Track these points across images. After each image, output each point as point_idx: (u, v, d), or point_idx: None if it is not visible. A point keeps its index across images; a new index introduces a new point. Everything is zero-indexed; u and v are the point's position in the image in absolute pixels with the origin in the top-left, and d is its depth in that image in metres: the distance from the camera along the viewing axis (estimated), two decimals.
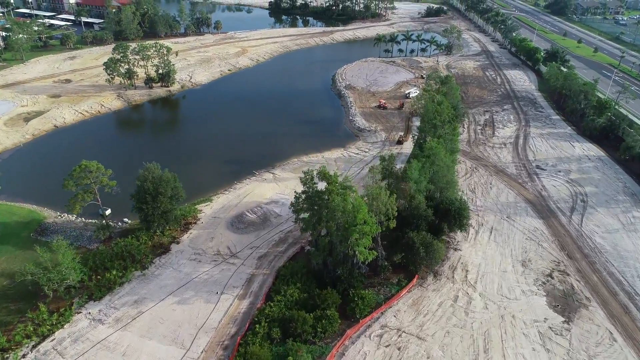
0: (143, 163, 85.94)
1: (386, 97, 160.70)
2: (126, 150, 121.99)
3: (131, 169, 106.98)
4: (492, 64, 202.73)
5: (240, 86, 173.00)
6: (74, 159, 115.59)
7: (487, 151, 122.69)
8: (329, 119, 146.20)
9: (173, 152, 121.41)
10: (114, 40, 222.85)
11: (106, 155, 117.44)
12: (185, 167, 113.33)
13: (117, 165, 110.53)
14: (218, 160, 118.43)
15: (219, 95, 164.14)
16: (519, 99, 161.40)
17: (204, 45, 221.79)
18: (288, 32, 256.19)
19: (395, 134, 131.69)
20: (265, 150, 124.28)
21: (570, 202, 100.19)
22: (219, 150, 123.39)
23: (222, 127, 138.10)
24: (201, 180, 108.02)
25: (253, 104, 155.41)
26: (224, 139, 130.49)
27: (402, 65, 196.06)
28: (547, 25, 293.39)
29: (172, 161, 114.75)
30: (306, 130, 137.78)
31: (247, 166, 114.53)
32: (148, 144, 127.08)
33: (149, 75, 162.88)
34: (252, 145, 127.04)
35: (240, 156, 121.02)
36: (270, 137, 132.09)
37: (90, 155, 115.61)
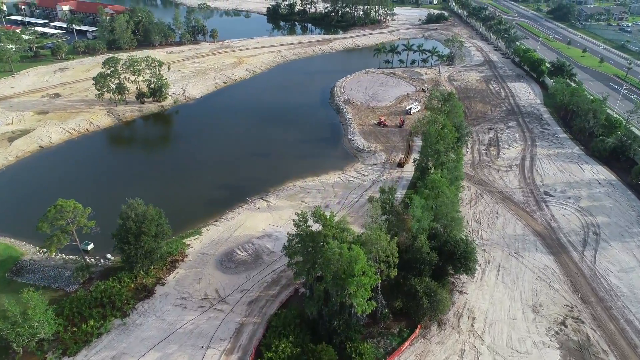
0: (126, 199, 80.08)
1: (386, 112, 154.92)
2: (112, 174, 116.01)
3: (116, 197, 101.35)
4: (495, 75, 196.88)
5: (235, 100, 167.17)
6: (56, 186, 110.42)
7: (492, 175, 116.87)
8: (327, 137, 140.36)
9: (163, 176, 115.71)
10: (107, 50, 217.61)
11: (90, 180, 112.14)
12: (175, 192, 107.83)
13: (101, 192, 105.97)
14: (210, 185, 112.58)
15: (213, 110, 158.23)
16: (524, 114, 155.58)
17: (199, 55, 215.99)
18: (286, 40, 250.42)
19: (395, 155, 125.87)
20: (260, 173, 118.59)
21: (581, 234, 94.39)
22: (211, 173, 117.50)
23: (215, 146, 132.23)
24: (191, 208, 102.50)
25: (248, 121, 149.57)
26: (216, 159, 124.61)
27: (403, 77, 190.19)
28: (551, 33, 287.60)
29: (161, 186, 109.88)
30: (303, 150, 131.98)
31: (240, 192, 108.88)
32: (136, 167, 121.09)
33: (140, 90, 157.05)
34: (246, 167, 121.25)
35: (233, 180, 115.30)
36: (265, 157, 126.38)
37: (74, 181, 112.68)
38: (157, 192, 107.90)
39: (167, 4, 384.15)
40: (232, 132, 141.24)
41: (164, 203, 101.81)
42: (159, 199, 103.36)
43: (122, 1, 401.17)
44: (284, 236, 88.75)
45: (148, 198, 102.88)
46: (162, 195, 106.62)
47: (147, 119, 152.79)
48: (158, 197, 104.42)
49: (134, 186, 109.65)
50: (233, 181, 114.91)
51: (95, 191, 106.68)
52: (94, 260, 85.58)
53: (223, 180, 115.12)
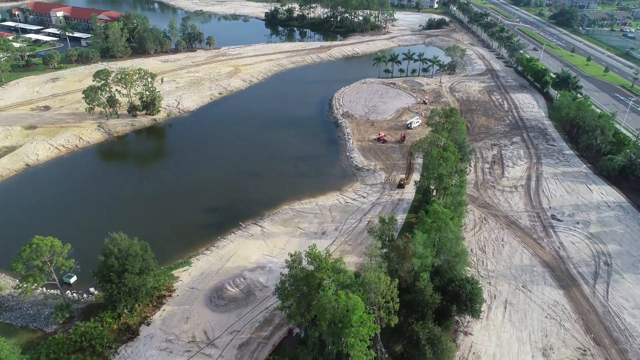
0: (109, 233, 75.13)
1: (386, 127, 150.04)
2: (99, 197, 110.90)
3: (102, 222, 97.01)
4: (498, 85, 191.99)
5: (230, 113, 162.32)
6: (39, 211, 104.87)
7: (497, 196, 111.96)
8: (325, 153, 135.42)
9: (152, 198, 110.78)
10: (101, 58, 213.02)
11: (75, 204, 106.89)
12: (165, 216, 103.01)
13: (86, 218, 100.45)
14: (202, 207, 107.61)
15: (207, 124, 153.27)
16: (529, 129, 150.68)
17: (194, 64, 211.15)
18: (283, 47, 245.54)
19: (395, 174, 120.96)
20: (255, 193, 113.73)
21: (592, 265, 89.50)
22: (203, 194, 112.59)
23: (208, 163, 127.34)
24: (181, 233, 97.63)
25: (243, 135, 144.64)
26: (209, 178, 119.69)
27: (403, 87, 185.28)
28: (553, 39, 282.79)
29: (150, 209, 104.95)
30: (300, 167, 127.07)
31: (234, 215, 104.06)
32: (124, 188, 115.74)
33: (132, 104, 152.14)
34: (240, 186, 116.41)
35: (226, 201, 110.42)
36: (260, 176, 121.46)
37: (57, 205, 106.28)
38: (145, 216, 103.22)
39: (165, 9, 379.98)
40: (226, 148, 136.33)
41: (153, 229, 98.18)
42: (147, 225, 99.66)
43: (119, 6, 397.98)
44: (278, 268, 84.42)
45: (135, 224, 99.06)
46: (151, 219, 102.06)
47: (139, 133, 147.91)
48: (146, 222, 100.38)
49: (121, 210, 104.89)
50: (226, 203, 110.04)
51: (80, 217, 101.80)
52: (76, 295, 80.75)
53: (216, 202, 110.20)
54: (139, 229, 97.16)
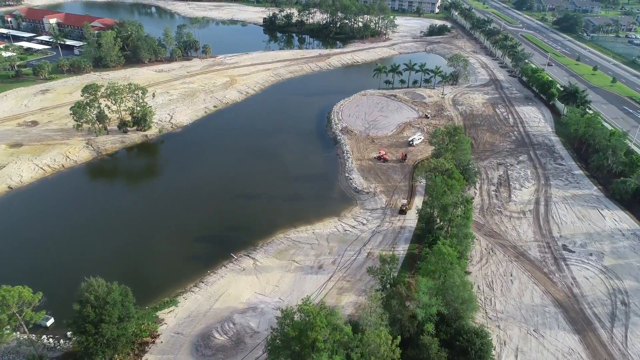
0: (85, 278, 69.05)
1: (387, 143, 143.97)
2: (81, 224, 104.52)
3: (82, 255, 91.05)
4: (502, 97, 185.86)
5: (224, 129, 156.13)
6: (15, 244, 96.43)
7: (504, 223, 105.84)
8: (323, 173, 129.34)
9: (139, 225, 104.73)
10: (93, 68, 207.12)
11: (55, 234, 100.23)
12: (152, 246, 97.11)
13: (65, 251, 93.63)
14: (192, 235, 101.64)
15: (200, 141, 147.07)
16: (535, 145, 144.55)
17: (189, 74, 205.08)
18: (281, 55, 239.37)
19: (397, 198, 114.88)
20: (248, 219, 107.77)
21: (608, 304, 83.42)
22: (194, 219, 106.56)
23: (200, 185, 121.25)
24: (169, 266, 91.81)
25: (237, 154, 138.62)
26: (200, 202, 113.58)
27: (404, 100, 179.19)
28: (558, 46, 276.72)
29: (135, 239, 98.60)
30: (296, 189, 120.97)
31: (225, 245, 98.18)
32: (110, 214, 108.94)
33: (122, 120, 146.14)
34: (232, 211, 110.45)
35: (217, 228, 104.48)
36: (254, 199, 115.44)
37: (36, 236, 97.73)
38: (131, 246, 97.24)
39: (162, 14, 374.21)
40: (219, 168, 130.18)
41: (138, 261, 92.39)
42: (132, 256, 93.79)
43: (115, 10, 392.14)
44: (270, 309, 78.60)
45: (119, 255, 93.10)
46: (137, 250, 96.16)
47: (129, 150, 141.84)
48: (131, 254, 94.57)
49: (105, 239, 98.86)
50: (218, 230, 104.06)
51: (59, 249, 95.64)
52: (52, 340, 74.71)
53: (207, 228, 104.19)
54: (123, 261, 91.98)
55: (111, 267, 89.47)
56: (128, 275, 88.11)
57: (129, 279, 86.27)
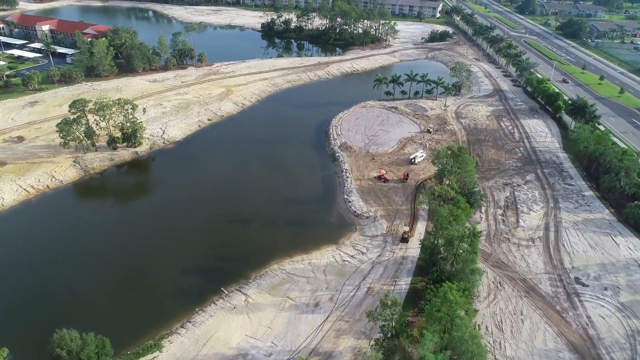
0: (56, 330, 62.94)
1: (387, 161, 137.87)
2: (62, 252, 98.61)
3: (61, 292, 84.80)
4: (507, 109, 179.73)
5: (218, 144, 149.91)
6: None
7: (512, 252, 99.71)
8: (321, 195, 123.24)
9: (123, 253, 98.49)
10: (85, 78, 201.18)
11: (32, 266, 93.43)
12: (136, 279, 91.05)
13: (43, 285, 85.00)
14: (180, 265, 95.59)
15: (192, 158, 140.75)
16: (543, 163, 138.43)
17: (184, 84, 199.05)
18: (279, 64, 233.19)
19: (398, 223, 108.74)
20: (240, 247, 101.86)
21: (627, 348, 77.28)
22: (182, 248, 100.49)
23: (191, 208, 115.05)
24: (154, 303, 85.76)
25: (230, 172, 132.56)
26: (190, 227, 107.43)
27: (406, 113, 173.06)
28: (562, 53, 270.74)
29: (119, 270, 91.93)
30: (292, 212, 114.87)
31: (215, 277, 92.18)
32: (93, 240, 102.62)
33: (111, 136, 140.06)
34: (225, 238, 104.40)
35: (208, 258, 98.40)
36: (248, 224, 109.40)
37: (10, 271, 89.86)
38: (113, 280, 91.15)
39: (160, 18, 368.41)
40: (210, 189, 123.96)
41: (121, 297, 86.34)
42: (114, 291, 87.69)
43: (112, 15, 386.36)
44: (262, 356, 72.44)
45: (100, 291, 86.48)
46: (120, 283, 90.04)
47: (119, 169, 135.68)
48: (113, 288, 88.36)
49: (84, 273, 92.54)
50: (208, 260, 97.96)
51: (31, 291, 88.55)
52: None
53: (197, 258, 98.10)
54: (104, 297, 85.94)
55: (90, 304, 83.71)
56: (110, 312, 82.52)
57: (110, 317, 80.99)
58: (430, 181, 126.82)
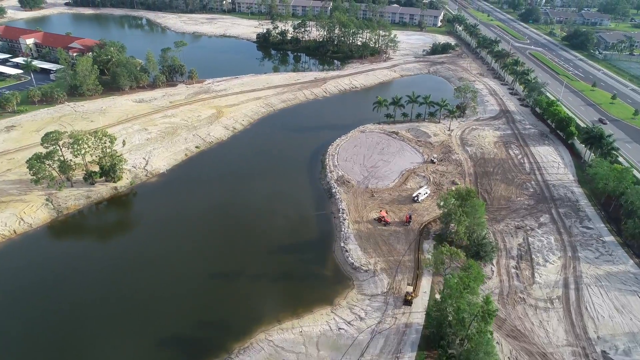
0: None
1: (388, 198, 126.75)
2: (19, 319, 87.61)
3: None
4: (515, 134, 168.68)
5: (204, 178, 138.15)
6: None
7: (529, 318, 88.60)
8: (315, 242, 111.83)
9: (89, 319, 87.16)
10: (68, 97, 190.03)
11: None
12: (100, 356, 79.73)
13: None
14: (151, 335, 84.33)
15: (174, 194, 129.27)
16: (557, 201, 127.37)
17: (172, 105, 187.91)
18: (273, 80, 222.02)
19: (401, 279, 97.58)
20: (222, 310, 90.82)
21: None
22: (156, 311, 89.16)
23: (167, 258, 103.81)
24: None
25: (215, 211, 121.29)
26: (167, 284, 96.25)
27: (407, 139, 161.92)
28: (569, 67, 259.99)
29: (82, 341, 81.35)
30: (283, 264, 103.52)
31: (192, 350, 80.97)
32: (55, 303, 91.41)
33: (87, 171, 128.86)
34: (205, 300, 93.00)
35: (184, 324, 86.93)
36: (232, 282, 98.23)
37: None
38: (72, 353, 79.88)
39: (153, 27, 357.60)
40: (190, 235, 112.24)
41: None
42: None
43: (105, 23, 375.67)
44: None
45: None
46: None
47: (96, 207, 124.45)
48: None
49: (39, 348, 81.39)
50: (183, 328, 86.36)
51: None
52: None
53: (171, 325, 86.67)
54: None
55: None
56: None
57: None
58: (435, 224, 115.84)
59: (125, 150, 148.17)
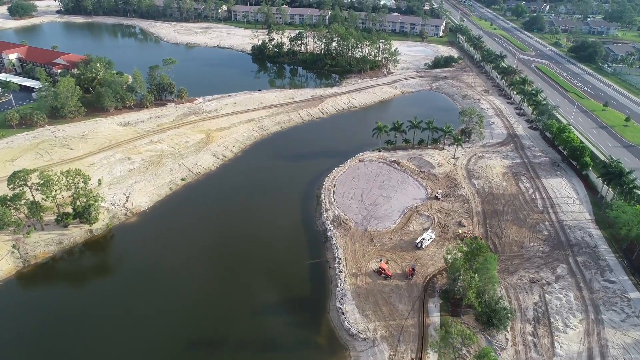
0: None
1: (389, 244, 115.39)
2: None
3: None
4: (524, 163, 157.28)
5: (188, 217, 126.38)
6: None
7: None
8: (308, 301, 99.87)
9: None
10: (49, 120, 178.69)
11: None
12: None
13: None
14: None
15: (153, 239, 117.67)
16: (574, 247, 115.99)
17: (159, 128, 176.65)
18: (267, 99, 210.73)
19: (404, 350, 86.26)
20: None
21: None
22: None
23: (145, 315, 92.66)
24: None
25: (196, 263, 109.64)
26: (142, 347, 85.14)
27: (409, 169, 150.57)
28: (578, 82, 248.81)
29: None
30: (271, 330, 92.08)
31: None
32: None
33: (59, 213, 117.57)
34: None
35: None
36: (211, 351, 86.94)
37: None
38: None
39: (147, 37, 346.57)
40: (168, 288, 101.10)
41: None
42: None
43: (97, 32, 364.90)
44: None
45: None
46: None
47: (68, 255, 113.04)
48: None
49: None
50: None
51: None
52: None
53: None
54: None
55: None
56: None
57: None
58: (440, 277, 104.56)
59: (105, 184, 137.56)
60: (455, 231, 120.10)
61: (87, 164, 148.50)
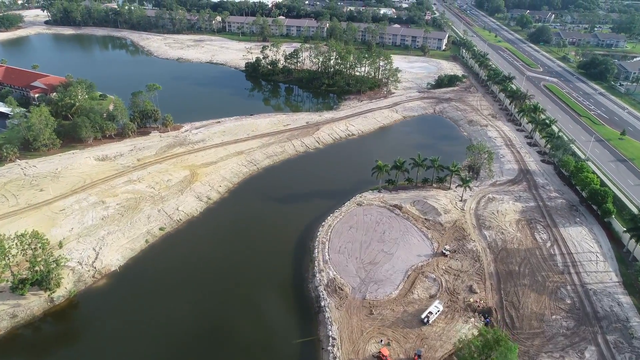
0: None
1: (390, 317, 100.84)
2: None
3: None
4: (539, 207, 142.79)
5: (164, 279, 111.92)
6: None
7: None
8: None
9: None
10: (20, 153, 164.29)
11: None
12: None
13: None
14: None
15: (125, 305, 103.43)
16: (602, 320, 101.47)
17: (140, 164, 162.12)
18: (260, 126, 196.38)
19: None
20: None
21: None
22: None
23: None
24: None
25: (169, 339, 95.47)
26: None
27: (413, 216, 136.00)
28: (590, 104, 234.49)
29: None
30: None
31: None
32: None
33: (14, 282, 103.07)
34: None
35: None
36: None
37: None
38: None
39: (139, 50, 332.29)
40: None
41: None
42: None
43: (87, 44, 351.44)
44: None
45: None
46: None
47: (22, 330, 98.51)
48: None
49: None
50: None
51: None
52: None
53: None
54: None
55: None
56: None
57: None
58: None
59: (74, 236, 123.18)
60: (466, 299, 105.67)
61: (56, 209, 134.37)
